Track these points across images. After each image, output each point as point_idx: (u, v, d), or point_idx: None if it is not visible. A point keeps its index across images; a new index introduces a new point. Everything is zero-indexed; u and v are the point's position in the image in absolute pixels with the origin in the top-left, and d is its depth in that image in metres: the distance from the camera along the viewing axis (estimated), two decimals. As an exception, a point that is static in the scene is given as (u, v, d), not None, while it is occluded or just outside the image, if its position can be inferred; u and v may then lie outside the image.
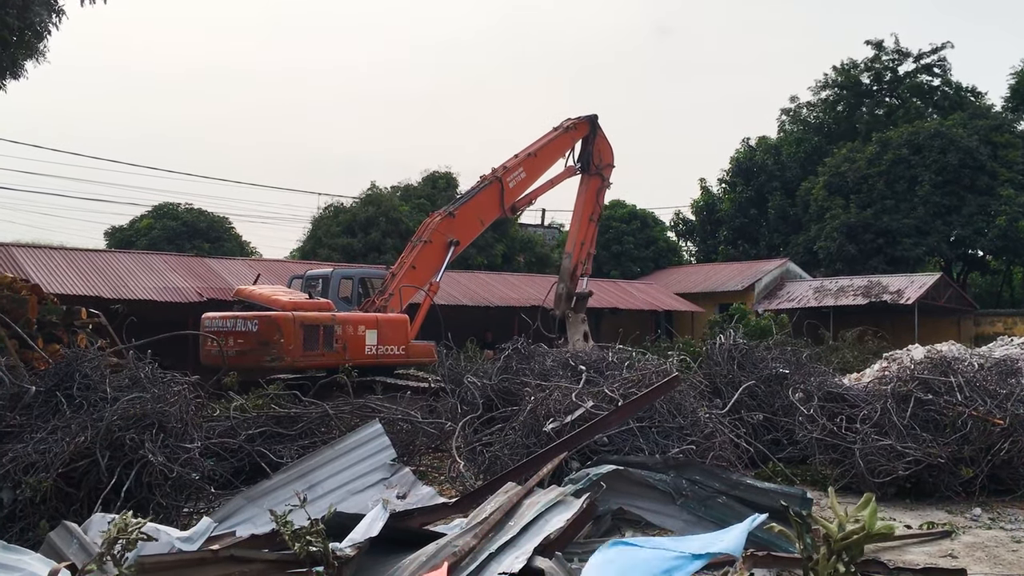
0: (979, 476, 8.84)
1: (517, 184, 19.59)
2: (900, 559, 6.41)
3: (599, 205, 22.59)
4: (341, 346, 14.66)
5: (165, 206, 42.29)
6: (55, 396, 7.38)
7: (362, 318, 15.47)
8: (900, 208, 41.08)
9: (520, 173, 19.65)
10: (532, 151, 20.08)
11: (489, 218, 19.69)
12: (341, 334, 14.74)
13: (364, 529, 5.26)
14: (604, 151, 22.20)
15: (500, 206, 19.34)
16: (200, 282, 25.15)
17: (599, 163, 21.97)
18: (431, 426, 10.19)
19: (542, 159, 20.43)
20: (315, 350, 14.39)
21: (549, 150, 20.72)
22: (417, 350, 16.04)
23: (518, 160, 19.73)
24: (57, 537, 5.38)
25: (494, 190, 19.15)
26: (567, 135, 21.19)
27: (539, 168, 20.39)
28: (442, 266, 18.00)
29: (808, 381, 10.92)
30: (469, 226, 18.90)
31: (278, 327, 14.00)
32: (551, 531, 5.20)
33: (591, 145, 21.75)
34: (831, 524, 3.76)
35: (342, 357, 14.34)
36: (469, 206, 18.85)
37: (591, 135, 21.71)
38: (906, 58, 50.17)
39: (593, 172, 21.91)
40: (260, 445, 8.58)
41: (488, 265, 37.35)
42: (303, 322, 14.32)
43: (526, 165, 19.85)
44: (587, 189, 21.99)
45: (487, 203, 19.17)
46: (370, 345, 15.15)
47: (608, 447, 7.87)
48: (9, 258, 23.21)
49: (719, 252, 50.99)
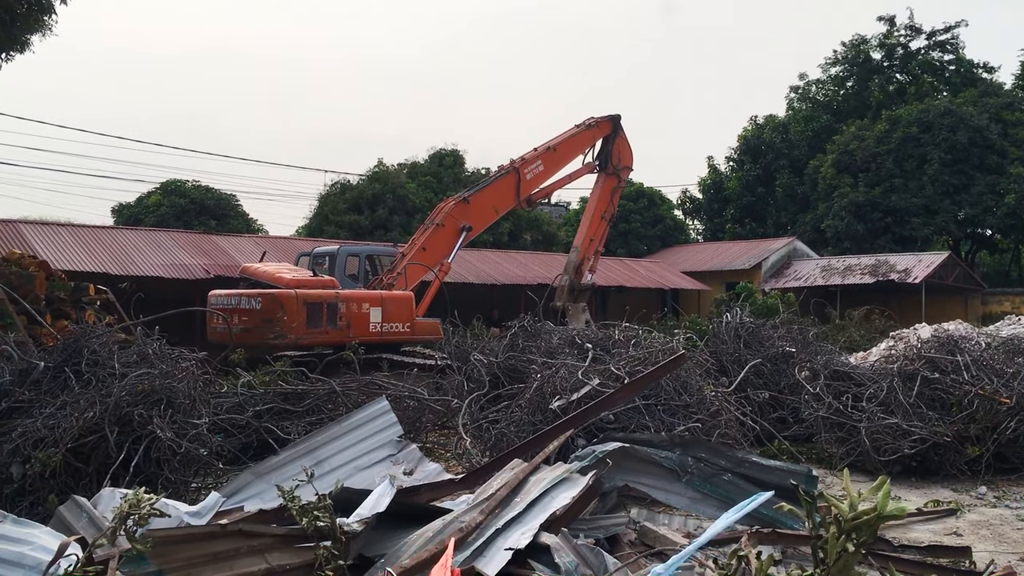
0: (985, 455, 8.86)
1: (535, 176, 19.60)
2: (905, 537, 6.43)
3: (613, 205, 22.55)
4: (345, 323, 14.62)
5: (172, 183, 42.23)
6: (64, 372, 7.42)
7: (366, 295, 15.42)
8: (909, 187, 40.84)
9: (538, 166, 19.65)
10: (552, 145, 20.10)
11: (504, 207, 19.74)
12: (345, 311, 14.69)
13: (371, 504, 5.29)
14: (624, 152, 22.20)
15: (516, 196, 19.36)
16: (207, 259, 25.18)
17: (617, 163, 21.97)
18: (438, 403, 10.22)
19: (561, 154, 20.45)
20: (319, 327, 14.35)
21: (569, 146, 20.72)
22: (422, 327, 15.99)
23: (537, 153, 19.74)
24: (67, 511, 5.41)
25: (511, 180, 19.17)
26: (588, 132, 21.17)
27: (558, 163, 20.41)
28: (453, 250, 17.98)
29: (814, 360, 10.92)
30: (483, 213, 18.88)
31: (281, 304, 13.98)
32: (557, 508, 5.22)
33: (611, 144, 21.72)
34: (842, 504, 3.76)
35: (346, 334, 14.32)
36: (485, 193, 18.83)
37: (612, 135, 21.69)
38: (918, 35, 49.75)
39: (610, 172, 21.91)
40: (268, 421, 8.61)
41: (495, 243, 37.30)
42: (306, 299, 14.29)
43: (544, 159, 19.85)
44: (602, 188, 22.04)
45: (503, 192, 19.17)
46: (374, 323, 15.08)
47: (614, 424, 7.89)
48: (17, 235, 23.25)
49: (726, 230, 50.85)
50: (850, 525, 3.67)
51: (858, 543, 3.65)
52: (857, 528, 3.65)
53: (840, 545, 3.67)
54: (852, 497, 3.75)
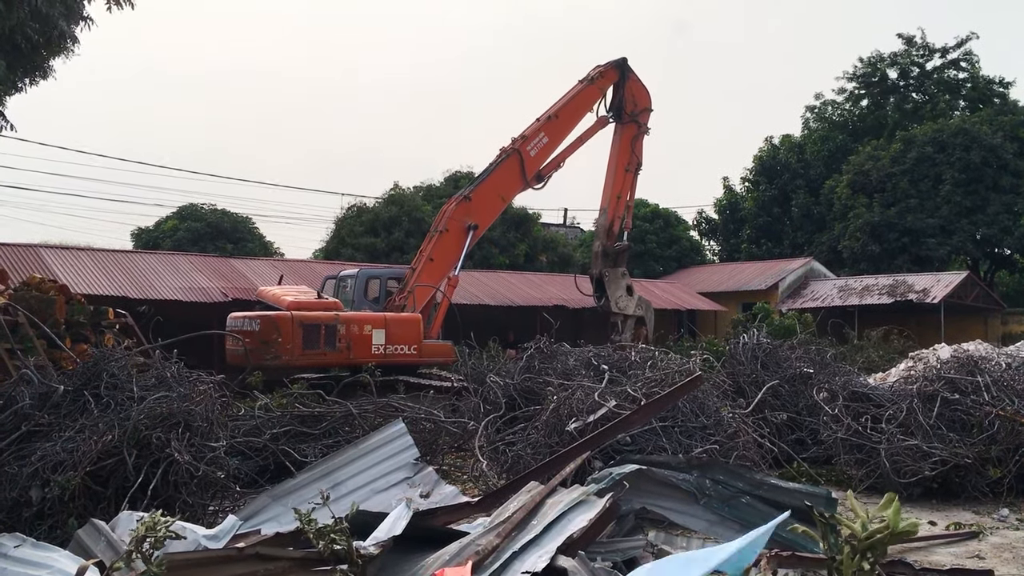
0: (1007, 476, 8.77)
1: (539, 151, 18.64)
2: (927, 560, 6.37)
3: (637, 155, 20.87)
4: (345, 345, 14.75)
5: (190, 207, 42.60)
6: (83, 395, 7.46)
7: (368, 317, 15.47)
8: (925, 207, 40.66)
9: (541, 139, 18.63)
10: (553, 112, 18.98)
11: (511, 193, 18.99)
12: (344, 333, 14.80)
13: (388, 527, 5.28)
14: (639, 95, 20.78)
15: (522, 178, 18.49)
16: (225, 282, 25.33)
17: (633, 109, 20.60)
18: (454, 425, 10.21)
19: (565, 119, 19.23)
20: (316, 349, 14.52)
21: (572, 107, 19.46)
22: (431, 350, 15.85)
23: (538, 125, 18.73)
24: (85, 535, 5.43)
25: (513, 163, 18.34)
26: (592, 87, 19.91)
27: (563, 129, 19.23)
28: (460, 255, 17.50)
29: (833, 380, 10.84)
30: (488, 206, 18.24)
31: (277, 326, 14.26)
32: (574, 530, 5.19)
33: (622, 91, 20.35)
34: (855, 524, 3.74)
35: (346, 356, 14.57)
36: (487, 185, 18.15)
37: (621, 80, 20.33)
38: (933, 53, 49.66)
39: (627, 120, 20.56)
40: (284, 444, 8.63)
41: (510, 265, 37.34)
42: (302, 321, 14.51)
43: (547, 129, 18.79)
44: (621, 138, 20.63)
45: (507, 178, 18.39)
46: (377, 344, 15.11)
47: (631, 446, 7.86)
48: (37, 259, 23.48)
49: (742, 251, 50.71)
50: (864, 544, 3.65)
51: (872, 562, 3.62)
52: (871, 547, 3.63)
53: (855, 565, 3.65)
54: (863, 517, 3.73)
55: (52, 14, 14.66)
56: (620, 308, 20.92)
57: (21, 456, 6.83)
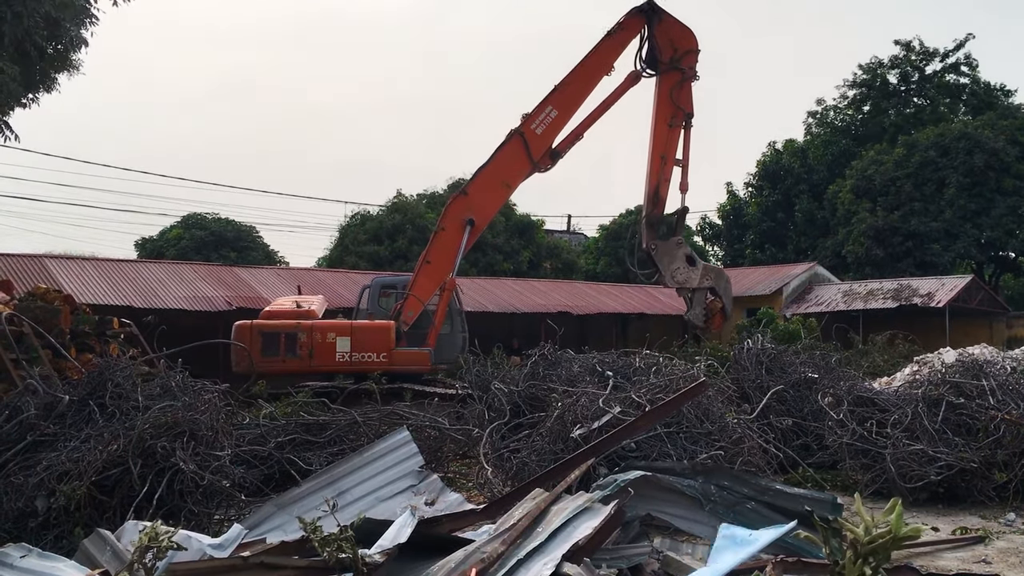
0: (1012, 481, 8.72)
1: (547, 127, 16.71)
2: (933, 565, 6.35)
3: (682, 103, 17.46)
4: (306, 352, 15.18)
5: (194, 216, 42.71)
6: (88, 405, 7.49)
7: (332, 325, 15.83)
8: (928, 211, 40.62)
9: (548, 113, 16.70)
10: (564, 82, 16.85)
11: (517, 179, 17.07)
12: (306, 341, 15.23)
13: (393, 535, 5.28)
14: (677, 37, 17.40)
15: (529, 161, 16.69)
16: (229, 291, 25.39)
17: (673, 55, 17.31)
18: (459, 432, 10.21)
19: (577, 87, 16.96)
20: (275, 356, 15.03)
21: (586, 71, 17.02)
22: (404, 358, 15.59)
23: (543, 101, 16.79)
24: (91, 544, 5.44)
25: (515, 147, 16.67)
26: (609, 42, 17.25)
27: (576, 98, 17.00)
28: (458, 255, 16.51)
29: (837, 385, 10.82)
30: (489, 197, 16.88)
31: (240, 335, 15.02)
32: (579, 537, 5.19)
33: (654, 39, 17.28)
34: (858, 529, 3.74)
35: (307, 364, 15.11)
36: (486, 174, 16.74)
37: (650, 24, 17.29)
38: (932, 58, 49.67)
39: (665, 69, 17.40)
40: (289, 452, 8.65)
41: (514, 271, 37.38)
42: (261, 329, 15.25)
43: (555, 101, 16.78)
44: (660, 90, 17.53)
45: (509, 164, 16.74)
46: (342, 352, 15.34)
47: (636, 453, 7.85)
48: (42, 269, 23.55)
49: (746, 256, 50.68)
50: (866, 549, 3.64)
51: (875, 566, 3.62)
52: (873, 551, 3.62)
53: (858, 570, 3.64)
54: (867, 521, 3.73)
55: (62, 18, 14.73)
56: (679, 282, 18.25)
57: (27, 466, 6.85)
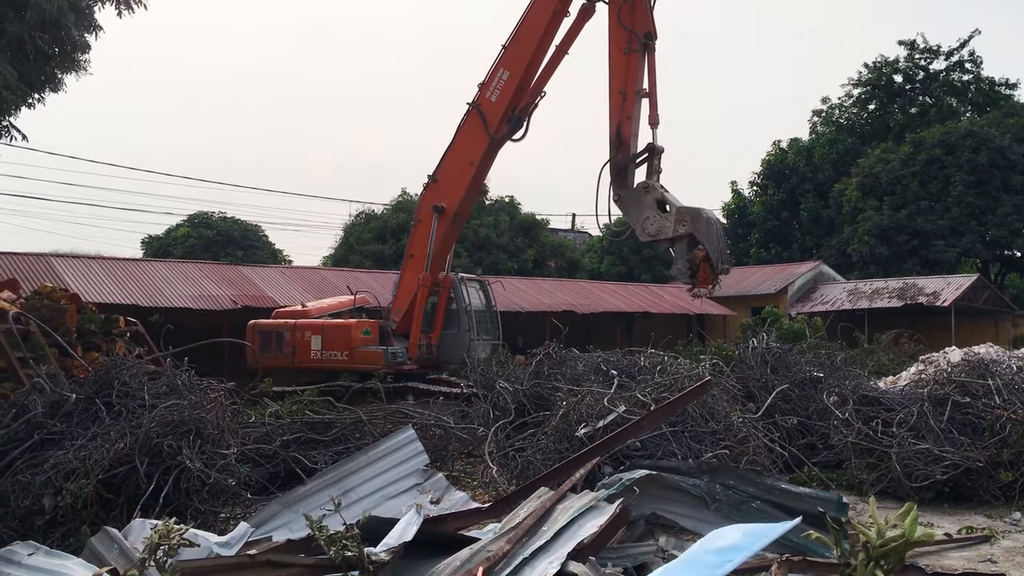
0: (1018, 480, 8.72)
1: (501, 92, 15.18)
2: (938, 564, 6.34)
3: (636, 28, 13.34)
4: (290, 350, 16.24)
5: (199, 215, 42.80)
6: (95, 403, 7.51)
7: (310, 324, 16.62)
8: (935, 209, 40.53)
9: (500, 77, 15.16)
10: (511, 38, 15.11)
11: (477, 154, 15.60)
12: (290, 339, 16.29)
13: (399, 534, 5.30)
14: None
15: (486, 132, 15.30)
16: (235, 290, 25.42)
17: None
18: (464, 431, 10.23)
19: (525, 41, 14.97)
20: (270, 353, 16.15)
21: (531, 21, 14.96)
22: (361, 356, 15.99)
23: (495, 65, 15.29)
24: (98, 542, 5.45)
25: (472, 122, 15.51)
26: None
27: (525, 53, 15.01)
28: (429, 245, 15.82)
29: (843, 384, 10.82)
30: (455, 179, 15.80)
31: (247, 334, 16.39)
32: (585, 536, 5.19)
33: None
34: (870, 531, 3.73)
35: (291, 360, 16.19)
36: (451, 156, 15.86)
37: None
38: (937, 56, 49.60)
39: None
40: (295, 451, 8.68)
41: (519, 270, 37.38)
42: (260, 329, 16.66)
43: (505, 62, 15.14)
44: (611, 15, 13.80)
45: (469, 141, 15.66)
46: (315, 350, 16.24)
47: (641, 452, 7.85)
48: (48, 268, 23.60)
49: (751, 255, 50.61)
50: (878, 552, 3.64)
51: (886, 569, 3.61)
52: (885, 555, 3.62)
53: (869, 572, 3.64)
54: (880, 524, 3.72)
55: (64, 22, 14.75)
56: (651, 234, 13.53)
57: (34, 464, 6.87)
